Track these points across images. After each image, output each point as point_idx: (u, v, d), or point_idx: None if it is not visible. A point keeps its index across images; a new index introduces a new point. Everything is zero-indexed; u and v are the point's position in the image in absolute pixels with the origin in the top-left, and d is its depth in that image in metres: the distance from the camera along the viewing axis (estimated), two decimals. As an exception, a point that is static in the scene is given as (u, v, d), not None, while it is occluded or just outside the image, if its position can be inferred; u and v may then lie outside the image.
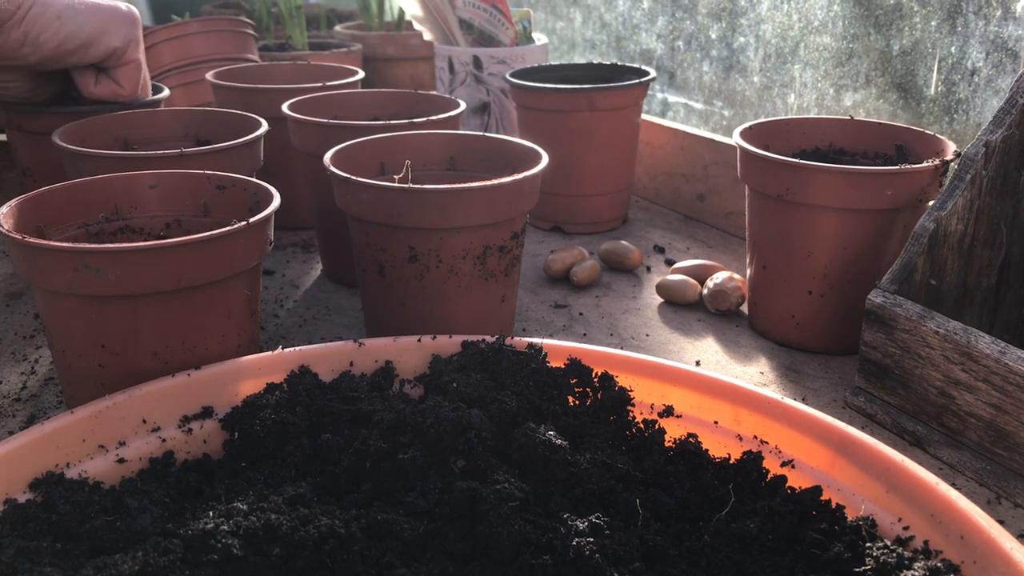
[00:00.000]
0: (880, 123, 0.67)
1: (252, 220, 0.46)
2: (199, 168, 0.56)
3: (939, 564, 0.34)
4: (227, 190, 0.54)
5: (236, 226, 0.45)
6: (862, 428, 0.49)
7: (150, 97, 0.73)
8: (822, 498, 0.40)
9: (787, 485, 0.41)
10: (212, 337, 0.47)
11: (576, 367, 0.47)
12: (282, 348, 0.47)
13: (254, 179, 0.54)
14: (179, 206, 0.55)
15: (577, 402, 0.46)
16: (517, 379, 0.46)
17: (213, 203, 0.55)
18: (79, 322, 0.45)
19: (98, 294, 0.43)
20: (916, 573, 0.34)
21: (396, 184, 0.54)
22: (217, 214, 0.54)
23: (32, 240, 0.43)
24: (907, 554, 0.35)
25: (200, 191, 0.55)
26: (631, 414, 0.45)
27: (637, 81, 0.83)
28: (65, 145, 0.59)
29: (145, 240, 0.53)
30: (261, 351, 0.48)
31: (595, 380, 0.46)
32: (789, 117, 0.72)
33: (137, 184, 0.54)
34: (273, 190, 0.51)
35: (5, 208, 0.47)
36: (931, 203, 0.55)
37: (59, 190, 0.52)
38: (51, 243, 0.43)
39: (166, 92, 0.79)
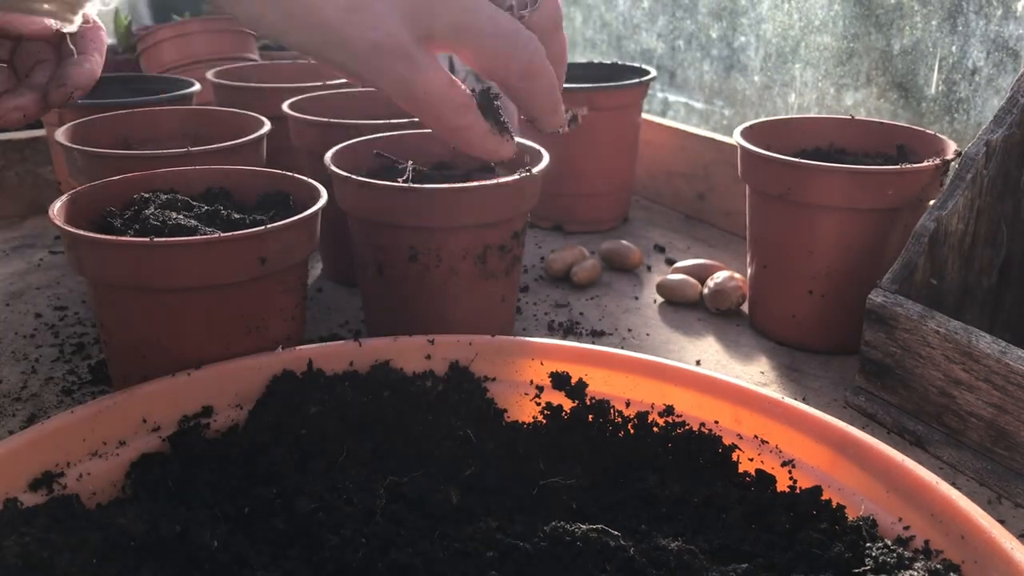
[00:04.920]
0: (881, 122, 0.67)
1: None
2: (204, 165, 0.57)
3: (939, 564, 0.34)
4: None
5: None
6: (863, 428, 0.49)
7: (180, 92, 0.74)
8: (822, 498, 0.39)
9: (788, 485, 0.41)
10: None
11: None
12: (281, 348, 0.47)
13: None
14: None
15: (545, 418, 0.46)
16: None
17: None
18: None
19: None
20: (916, 573, 0.34)
21: (397, 183, 0.54)
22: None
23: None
24: (907, 554, 0.35)
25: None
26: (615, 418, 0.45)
27: (637, 80, 0.83)
28: (71, 145, 0.59)
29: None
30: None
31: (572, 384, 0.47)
32: (790, 116, 0.72)
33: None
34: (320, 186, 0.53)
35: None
36: (932, 202, 0.55)
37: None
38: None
39: (197, 87, 0.79)
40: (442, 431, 0.44)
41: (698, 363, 0.61)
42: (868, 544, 0.36)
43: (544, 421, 0.46)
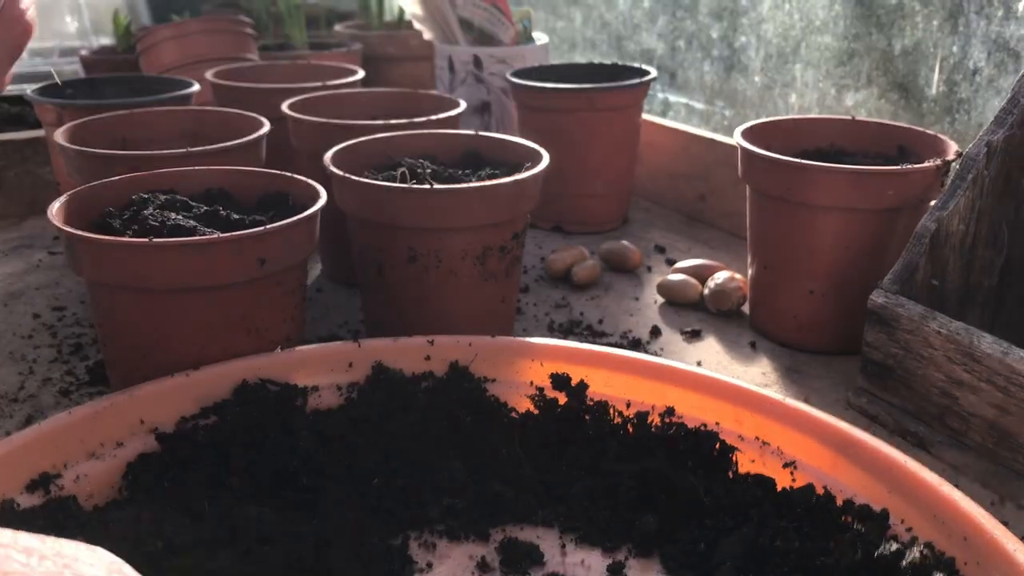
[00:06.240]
0: (881, 123, 0.67)
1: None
2: (203, 166, 0.56)
3: (942, 565, 0.34)
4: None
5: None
6: (864, 429, 0.49)
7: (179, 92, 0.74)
8: (824, 497, 0.39)
9: (788, 485, 0.41)
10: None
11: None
12: (280, 348, 0.47)
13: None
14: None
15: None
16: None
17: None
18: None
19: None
20: (918, 574, 0.33)
21: (396, 184, 0.53)
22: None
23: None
24: (910, 555, 0.35)
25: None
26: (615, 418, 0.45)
27: (638, 81, 0.83)
28: (70, 145, 0.59)
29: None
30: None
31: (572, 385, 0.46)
32: (790, 117, 0.72)
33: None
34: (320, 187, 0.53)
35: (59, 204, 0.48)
36: (933, 203, 0.54)
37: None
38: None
39: (196, 87, 0.79)
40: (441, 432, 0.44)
41: (699, 364, 0.61)
42: (871, 544, 0.36)
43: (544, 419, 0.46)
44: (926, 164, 0.57)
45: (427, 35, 1.06)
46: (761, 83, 0.91)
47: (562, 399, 0.46)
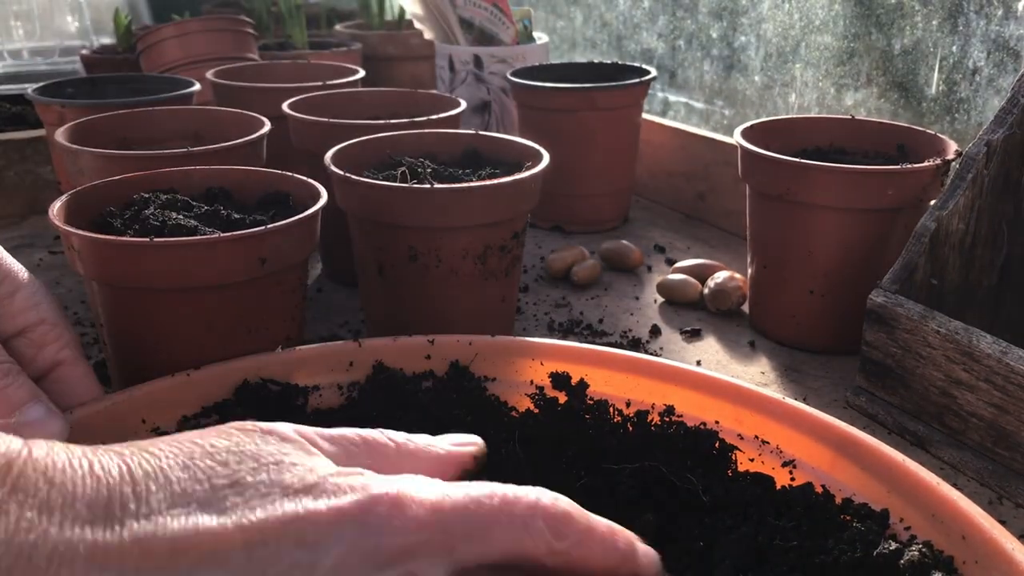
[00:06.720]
0: (881, 122, 0.67)
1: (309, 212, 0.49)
2: (204, 165, 0.56)
3: (940, 564, 0.34)
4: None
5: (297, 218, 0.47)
6: (863, 428, 0.49)
7: (179, 92, 0.74)
8: (822, 496, 0.39)
9: (787, 484, 0.41)
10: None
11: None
12: (281, 348, 0.47)
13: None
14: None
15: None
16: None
17: None
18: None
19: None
20: (917, 573, 0.34)
21: (396, 183, 0.54)
22: None
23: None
24: (908, 554, 0.35)
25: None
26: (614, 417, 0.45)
27: (638, 80, 0.83)
28: (71, 145, 0.59)
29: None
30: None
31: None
32: (790, 116, 0.72)
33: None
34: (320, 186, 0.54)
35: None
36: (932, 202, 0.55)
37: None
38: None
39: (197, 87, 0.79)
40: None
41: (698, 363, 0.61)
42: (869, 544, 0.36)
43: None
44: (926, 164, 0.58)
45: (427, 35, 1.06)
46: (761, 82, 0.91)
47: (562, 398, 0.46)
